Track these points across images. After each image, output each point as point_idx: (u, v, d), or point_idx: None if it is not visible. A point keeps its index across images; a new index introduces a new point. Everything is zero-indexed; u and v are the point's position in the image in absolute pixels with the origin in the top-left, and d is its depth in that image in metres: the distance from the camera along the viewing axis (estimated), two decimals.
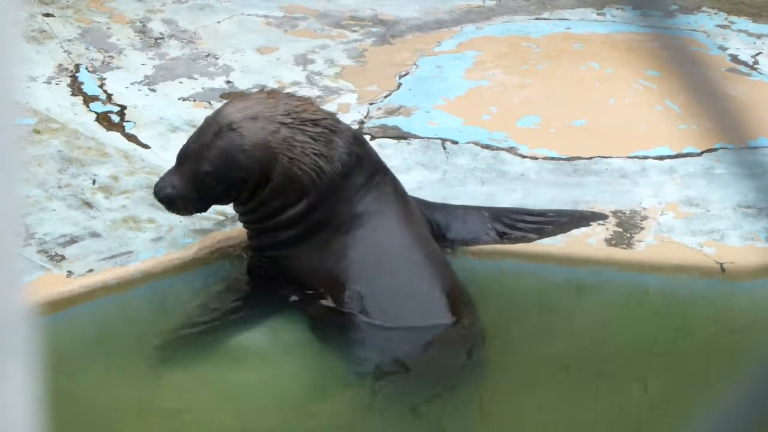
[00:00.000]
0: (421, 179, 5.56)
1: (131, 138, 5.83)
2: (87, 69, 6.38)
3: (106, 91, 6.20)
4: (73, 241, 5.12)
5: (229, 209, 5.10)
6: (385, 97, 6.23)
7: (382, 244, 4.87)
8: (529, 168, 5.69)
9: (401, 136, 5.89)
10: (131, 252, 5.08)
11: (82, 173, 5.51)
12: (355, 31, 6.93)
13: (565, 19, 7.06)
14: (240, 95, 5.88)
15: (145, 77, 6.36)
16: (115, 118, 5.98)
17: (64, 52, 6.51)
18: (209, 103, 6.13)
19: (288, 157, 4.82)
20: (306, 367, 4.74)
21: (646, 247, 5.23)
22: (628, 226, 5.34)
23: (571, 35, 6.85)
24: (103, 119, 5.97)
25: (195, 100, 6.17)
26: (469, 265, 5.13)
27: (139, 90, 6.23)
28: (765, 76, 6.47)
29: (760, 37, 6.86)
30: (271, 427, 4.55)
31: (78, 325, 4.86)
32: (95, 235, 5.16)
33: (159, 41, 6.72)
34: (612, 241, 5.26)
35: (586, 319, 5.00)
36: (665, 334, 4.96)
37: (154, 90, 6.25)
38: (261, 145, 4.81)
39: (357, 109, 6.11)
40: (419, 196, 5.24)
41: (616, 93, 6.22)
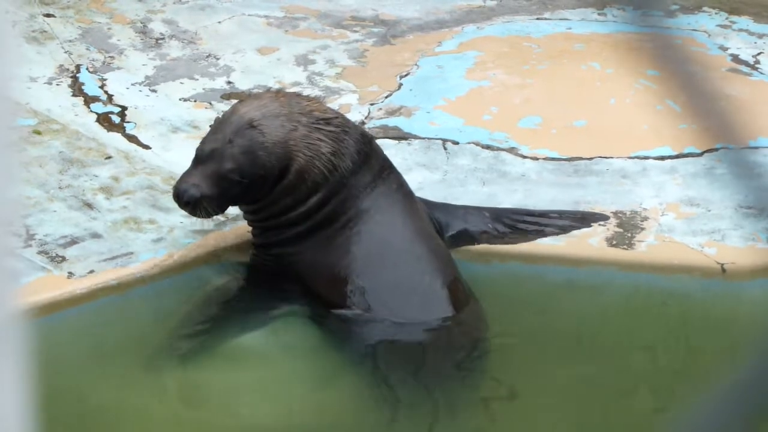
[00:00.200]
0: (422, 180, 5.56)
1: (132, 139, 5.82)
2: (88, 69, 6.38)
3: (106, 92, 6.19)
4: (73, 242, 5.11)
5: (229, 209, 5.09)
6: (386, 97, 6.23)
7: (385, 238, 4.88)
8: (529, 168, 5.68)
9: (402, 136, 5.89)
10: (132, 253, 5.08)
11: (82, 174, 5.51)
12: (355, 31, 6.93)
13: (566, 19, 7.06)
14: (246, 95, 5.87)
15: (146, 78, 6.35)
16: (116, 119, 5.98)
17: (65, 52, 6.51)
18: (210, 103, 6.13)
19: (305, 154, 4.85)
20: (306, 367, 4.74)
21: (647, 248, 5.23)
22: (629, 226, 5.34)
23: (571, 35, 6.84)
24: (103, 120, 5.97)
25: (196, 101, 6.17)
26: (469, 265, 5.13)
27: (139, 90, 6.23)
28: (766, 76, 6.46)
29: (761, 36, 6.86)
30: (271, 427, 4.55)
31: (79, 325, 4.86)
32: (96, 236, 5.16)
33: (160, 42, 6.72)
34: (613, 241, 5.26)
35: (586, 320, 5.00)
36: (666, 334, 4.96)
37: (154, 90, 6.24)
38: (281, 142, 4.83)
39: (358, 110, 6.11)
40: (420, 196, 5.23)
41: (616, 93, 6.22)
